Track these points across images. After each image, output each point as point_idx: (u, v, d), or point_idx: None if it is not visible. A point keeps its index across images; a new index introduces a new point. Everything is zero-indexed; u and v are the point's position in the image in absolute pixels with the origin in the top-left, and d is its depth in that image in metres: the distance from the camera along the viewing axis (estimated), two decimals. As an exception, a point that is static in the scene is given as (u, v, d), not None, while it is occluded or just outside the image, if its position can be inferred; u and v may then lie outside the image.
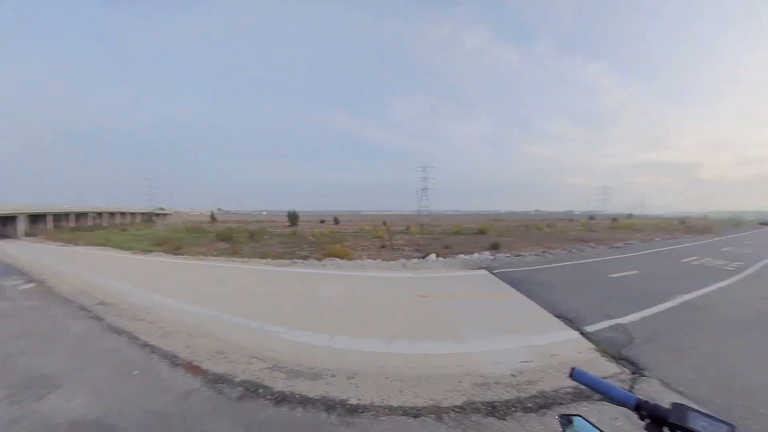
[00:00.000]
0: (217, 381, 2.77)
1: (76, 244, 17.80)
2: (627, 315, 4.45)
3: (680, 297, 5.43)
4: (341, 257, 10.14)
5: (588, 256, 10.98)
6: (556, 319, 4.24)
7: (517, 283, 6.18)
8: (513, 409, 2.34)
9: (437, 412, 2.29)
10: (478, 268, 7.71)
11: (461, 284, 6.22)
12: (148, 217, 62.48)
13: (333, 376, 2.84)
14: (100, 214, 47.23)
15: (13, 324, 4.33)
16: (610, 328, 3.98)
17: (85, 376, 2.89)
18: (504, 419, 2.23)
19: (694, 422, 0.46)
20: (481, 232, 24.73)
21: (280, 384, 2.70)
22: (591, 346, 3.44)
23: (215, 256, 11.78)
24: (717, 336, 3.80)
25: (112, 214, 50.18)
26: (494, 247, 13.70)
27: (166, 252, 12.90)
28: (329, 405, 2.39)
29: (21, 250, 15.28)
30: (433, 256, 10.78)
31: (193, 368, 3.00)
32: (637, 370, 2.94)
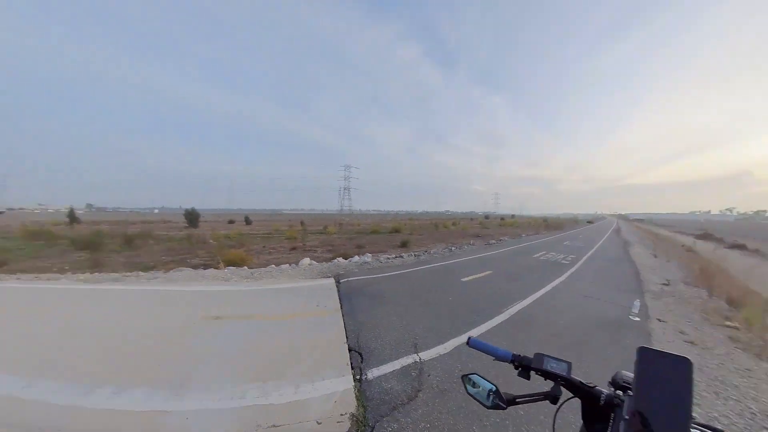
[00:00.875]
0: None
1: None
2: (442, 343, 3.41)
3: (514, 305, 4.91)
4: (239, 264, 9.11)
5: (459, 255, 10.86)
6: (347, 353, 3.06)
7: (352, 295, 5.27)
8: None
9: None
10: (329, 277, 6.68)
11: (286, 299, 4.91)
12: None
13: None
14: None
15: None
16: (403, 370, 2.81)
17: None
18: None
19: (547, 364, 0.69)
20: (396, 231, 25.72)
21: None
22: (351, 408, 2.21)
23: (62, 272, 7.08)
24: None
25: None
26: (403, 245, 14.45)
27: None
28: None
29: None
30: (306, 260, 9.94)
31: None
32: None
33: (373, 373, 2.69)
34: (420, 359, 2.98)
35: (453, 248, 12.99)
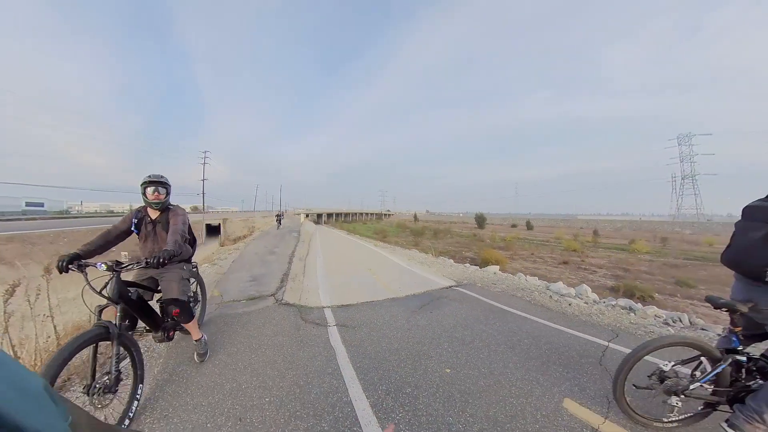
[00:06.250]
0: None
1: (335, 228, 32.87)
2: None
3: None
4: (494, 264, 9.72)
5: None
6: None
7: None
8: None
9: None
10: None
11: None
12: (379, 216, 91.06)
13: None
14: (356, 213, 76.92)
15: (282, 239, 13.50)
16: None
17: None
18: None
19: None
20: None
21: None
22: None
23: (401, 246, 13.99)
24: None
25: (361, 214, 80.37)
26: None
27: (376, 238, 19.39)
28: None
29: (312, 227, 31.05)
30: (559, 285, 5.43)
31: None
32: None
33: None
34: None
35: None
